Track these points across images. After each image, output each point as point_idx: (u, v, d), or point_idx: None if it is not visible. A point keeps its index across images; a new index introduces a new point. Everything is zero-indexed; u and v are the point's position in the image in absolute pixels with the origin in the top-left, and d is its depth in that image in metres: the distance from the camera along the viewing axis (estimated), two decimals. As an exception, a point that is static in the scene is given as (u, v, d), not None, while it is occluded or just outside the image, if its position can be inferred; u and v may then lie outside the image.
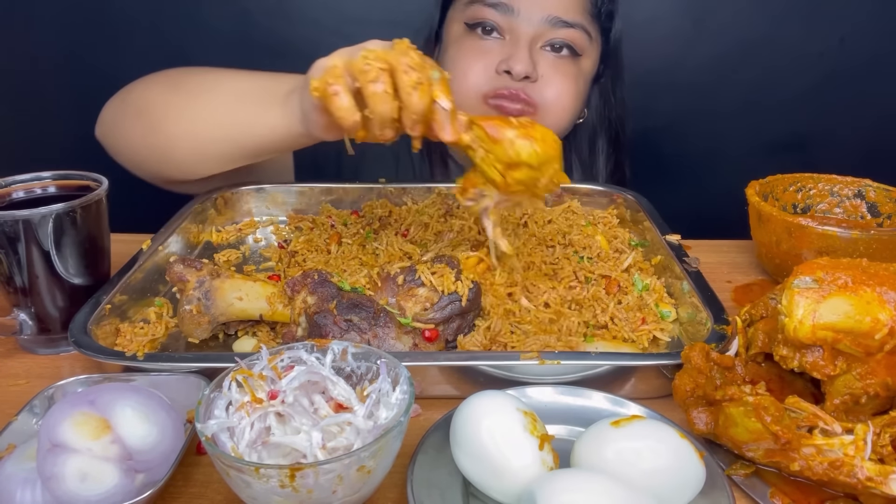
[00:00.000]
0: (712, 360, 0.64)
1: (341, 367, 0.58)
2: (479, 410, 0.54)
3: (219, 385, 0.54)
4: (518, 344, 0.74)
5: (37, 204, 0.72)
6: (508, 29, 1.07)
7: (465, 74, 1.08)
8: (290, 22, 1.53)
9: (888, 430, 0.56)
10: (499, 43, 1.08)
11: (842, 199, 0.99)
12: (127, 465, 0.52)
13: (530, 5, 1.06)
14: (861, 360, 0.58)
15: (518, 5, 1.06)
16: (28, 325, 0.75)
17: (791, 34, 1.55)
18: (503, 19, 1.07)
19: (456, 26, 1.12)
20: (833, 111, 1.61)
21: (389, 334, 0.71)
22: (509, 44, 1.07)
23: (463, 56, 1.09)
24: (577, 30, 1.08)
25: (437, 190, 1.05)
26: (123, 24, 1.53)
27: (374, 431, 0.52)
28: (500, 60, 1.06)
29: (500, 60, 1.06)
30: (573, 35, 1.08)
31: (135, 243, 0.87)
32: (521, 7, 1.06)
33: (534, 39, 1.07)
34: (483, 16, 1.07)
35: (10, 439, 0.57)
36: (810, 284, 0.58)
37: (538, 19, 1.06)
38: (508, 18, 1.06)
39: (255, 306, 0.76)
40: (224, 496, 0.57)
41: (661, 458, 0.53)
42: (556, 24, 1.06)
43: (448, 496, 0.54)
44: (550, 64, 1.08)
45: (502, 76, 1.06)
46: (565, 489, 0.48)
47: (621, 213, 1.02)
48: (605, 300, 0.81)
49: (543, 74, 1.07)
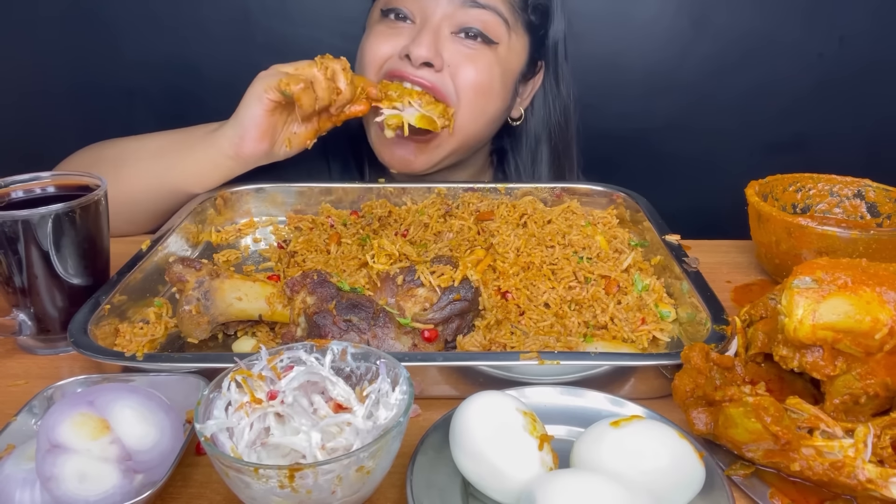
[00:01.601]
0: (712, 360, 0.64)
1: (341, 368, 0.58)
2: (478, 411, 0.54)
3: (218, 385, 0.53)
4: (517, 344, 0.74)
5: (36, 204, 0.72)
6: (419, 12, 1.04)
7: (369, 57, 1.06)
8: (290, 22, 1.53)
9: (888, 432, 0.56)
10: (408, 27, 1.05)
11: (841, 199, 0.99)
12: (126, 465, 0.52)
13: None
14: (861, 360, 0.58)
15: None
16: (27, 326, 0.75)
17: (791, 34, 1.55)
18: (414, 3, 1.04)
19: (374, 13, 1.11)
20: (833, 111, 1.61)
21: (389, 334, 0.71)
22: (417, 27, 1.04)
23: (371, 39, 1.07)
24: (488, 11, 1.03)
25: (437, 190, 1.05)
26: (123, 24, 1.53)
27: (374, 432, 0.52)
28: (405, 44, 1.03)
29: (405, 44, 1.03)
30: (484, 16, 1.03)
31: (134, 243, 0.87)
32: None
33: (442, 23, 1.03)
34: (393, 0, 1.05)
35: (10, 440, 0.57)
36: (810, 284, 0.58)
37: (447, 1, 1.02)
38: (419, 3, 1.03)
39: (255, 306, 0.76)
40: (223, 496, 0.57)
41: (660, 458, 0.53)
42: (466, 4, 1.02)
43: (448, 496, 0.54)
44: (459, 51, 1.03)
45: (404, 60, 1.03)
46: (565, 489, 0.48)
47: (621, 213, 1.02)
48: (605, 300, 0.81)
49: (451, 63, 1.03)
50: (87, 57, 1.55)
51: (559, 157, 1.23)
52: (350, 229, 0.97)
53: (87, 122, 1.08)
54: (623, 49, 1.57)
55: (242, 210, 1.06)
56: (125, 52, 1.54)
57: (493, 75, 1.06)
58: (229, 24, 1.54)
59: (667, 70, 1.59)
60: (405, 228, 0.96)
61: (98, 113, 1.57)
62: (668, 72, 1.59)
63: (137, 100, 1.60)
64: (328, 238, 0.94)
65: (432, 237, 0.95)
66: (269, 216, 1.06)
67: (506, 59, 1.08)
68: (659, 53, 1.58)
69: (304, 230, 0.99)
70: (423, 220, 0.98)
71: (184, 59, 1.55)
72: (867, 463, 0.53)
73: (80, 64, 1.55)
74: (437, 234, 0.95)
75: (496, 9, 1.04)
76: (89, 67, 1.56)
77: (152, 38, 1.54)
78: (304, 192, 1.06)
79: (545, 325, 0.77)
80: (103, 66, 1.57)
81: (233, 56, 1.54)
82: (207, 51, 1.54)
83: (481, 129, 1.11)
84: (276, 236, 1.02)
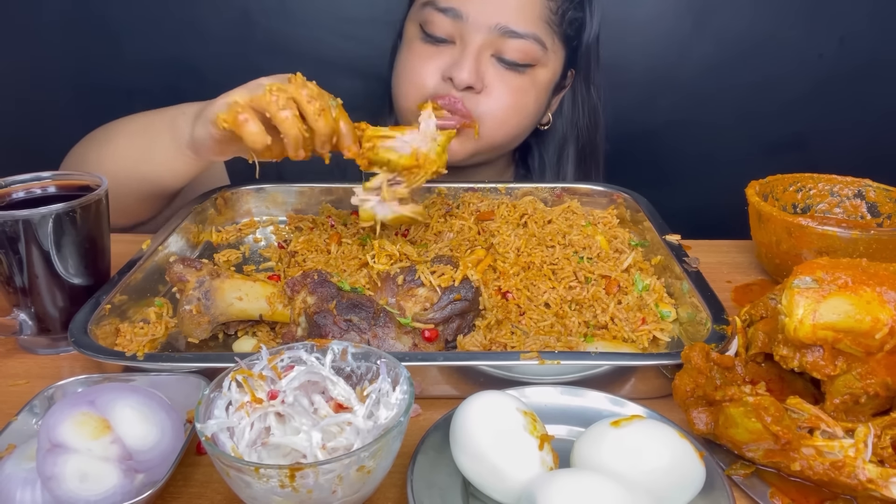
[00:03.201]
0: (712, 360, 0.64)
1: (341, 367, 0.58)
2: (479, 410, 0.54)
3: (219, 385, 0.54)
4: (518, 344, 0.74)
5: (37, 204, 0.72)
6: (458, 35, 1.06)
7: (412, 78, 1.08)
8: (291, 22, 1.53)
9: (889, 432, 0.56)
10: (449, 48, 1.07)
11: (842, 199, 0.99)
12: (127, 465, 0.52)
13: (480, 12, 1.04)
14: (861, 360, 0.58)
15: (468, 11, 1.04)
16: (28, 325, 0.75)
17: (791, 34, 1.55)
18: (453, 25, 1.05)
19: (412, 27, 1.11)
20: (833, 111, 1.61)
21: (389, 334, 0.71)
22: (458, 50, 1.06)
23: (413, 58, 1.09)
24: (527, 41, 1.05)
25: (438, 190, 1.05)
26: (123, 24, 1.53)
27: (374, 431, 0.52)
28: (447, 66, 1.05)
29: (447, 66, 1.05)
30: (524, 46, 1.05)
31: (135, 243, 0.87)
32: (471, 13, 1.04)
33: (482, 48, 1.05)
34: (433, 20, 1.06)
35: (10, 439, 0.57)
36: (810, 284, 0.58)
37: (487, 27, 1.04)
38: (458, 24, 1.05)
39: (255, 306, 0.76)
40: (224, 496, 0.57)
41: (660, 458, 0.53)
42: (506, 34, 1.04)
43: (448, 496, 0.54)
44: (497, 75, 1.06)
45: (447, 82, 1.05)
46: (565, 489, 0.48)
47: (621, 213, 1.02)
48: (605, 300, 0.81)
49: (489, 85, 1.06)
50: (88, 57, 1.55)
51: (585, 158, 1.25)
52: (350, 229, 0.97)
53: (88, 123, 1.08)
54: (623, 49, 1.57)
55: (243, 210, 1.06)
56: (125, 53, 1.54)
57: (528, 97, 1.10)
58: (229, 24, 1.54)
59: (667, 70, 1.59)
60: (406, 228, 0.96)
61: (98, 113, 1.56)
62: (668, 72, 1.59)
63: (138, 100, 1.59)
64: (329, 238, 0.94)
65: (433, 237, 0.95)
66: (270, 216, 1.06)
67: (541, 78, 1.11)
68: (659, 53, 1.57)
69: (305, 230, 0.99)
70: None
71: (184, 59, 1.55)
72: (867, 463, 0.53)
73: (80, 64, 1.55)
74: (438, 234, 0.95)
75: (535, 36, 1.06)
76: (90, 68, 1.56)
77: (153, 38, 1.54)
78: (305, 191, 1.06)
79: (545, 325, 0.77)
80: (104, 67, 1.56)
81: (233, 56, 1.54)
82: (207, 51, 1.54)
83: (510, 140, 1.14)
84: (277, 236, 1.02)
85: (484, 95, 1.06)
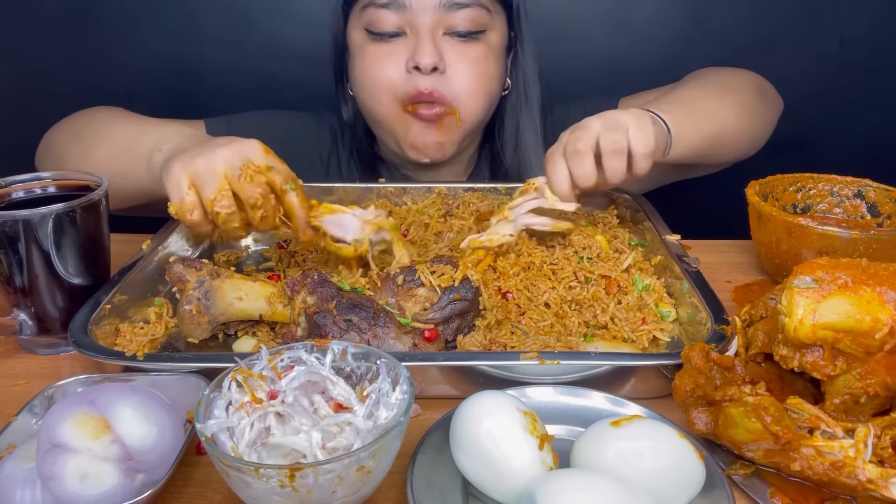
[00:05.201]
0: (712, 360, 0.64)
1: (341, 367, 0.58)
2: (479, 410, 0.54)
3: (219, 385, 0.54)
4: (518, 344, 0.74)
5: (37, 204, 0.72)
6: (406, 24, 1.05)
7: (376, 82, 1.07)
8: (291, 22, 1.53)
9: (888, 432, 0.56)
10: (402, 41, 1.06)
11: (842, 199, 0.99)
12: (127, 465, 0.52)
13: None
14: (861, 360, 0.58)
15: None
16: (28, 325, 0.75)
17: (791, 35, 1.55)
18: (399, 16, 1.04)
19: (357, 34, 1.10)
20: (833, 111, 1.61)
21: (389, 334, 0.71)
22: (411, 38, 1.05)
23: (369, 64, 1.07)
24: (473, 8, 1.05)
25: (438, 190, 1.05)
26: (123, 24, 1.53)
27: (374, 431, 0.52)
28: (408, 57, 1.04)
29: (408, 57, 1.04)
30: (472, 14, 1.05)
31: (135, 243, 0.87)
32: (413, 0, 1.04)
33: (434, 28, 1.05)
34: (378, 18, 1.05)
35: (10, 439, 0.57)
36: (810, 284, 0.58)
37: (432, 7, 1.03)
38: (403, 14, 1.04)
39: (255, 306, 0.76)
40: (224, 496, 0.57)
41: (661, 458, 0.53)
42: (452, 8, 1.04)
43: (448, 496, 0.54)
44: (455, 50, 1.06)
45: (412, 73, 1.04)
46: (565, 489, 0.48)
47: (621, 213, 1.02)
48: (605, 300, 0.81)
49: (451, 63, 1.05)
50: (87, 58, 1.55)
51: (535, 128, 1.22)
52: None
53: (88, 123, 1.09)
54: (623, 50, 1.57)
55: (243, 210, 1.06)
56: (125, 53, 1.54)
57: (488, 64, 1.09)
58: (229, 24, 1.54)
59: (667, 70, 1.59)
60: (406, 228, 0.96)
61: (98, 113, 1.57)
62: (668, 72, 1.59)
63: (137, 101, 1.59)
64: (328, 238, 0.94)
65: (433, 237, 0.95)
66: (270, 216, 1.06)
67: (494, 42, 1.11)
68: (659, 54, 1.57)
69: (305, 230, 0.99)
70: (423, 219, 0.98)
71: (183, 59, 1.55)
72: (867, 463, 0.53)
73: (79, 65, 1.55)
74: (438, 234, 0.95)
75: (478, 2, 1.06)
76: (88, 68, 1.56)
77: (152, 38, 1.54)
78: (305, 191, 1.06)
79: (545, 325, 0.77)
80: (102, 67, 1.56)
81: (232, 57, 1.54)
82: (206, 51, 1.54)
83: (485, 111, 1.14)
84: (277, 236, 1.02)
85: (450, 74, 1.06)
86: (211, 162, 0.73)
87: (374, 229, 0.80)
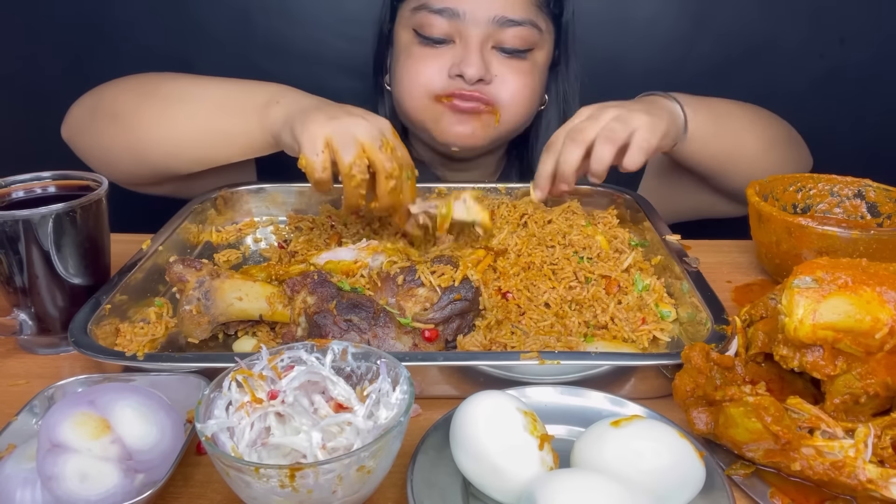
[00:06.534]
0: (712, 360, 0.64)
1: (341, 367, 0.58)
2: (479, 410, 0.54)
3: (219, 385, 0.54)
4: (518, 344, 0.74)
5: (37, 204, 0.72)
6: (457, 33, 1.06)
7: (418, 80, 1.07)
8: (290, 22, 1.53)
9: (889, 432, 0.56)
10: (449, 48, 1.07)
11: (842, 199, 0.99)
12: (127, 465, 0.52)
13: (476, 8, 1.04)
14: (861, 360, 0.58)
15: (463, 8, 1.04)
16: (28, 325, 0.75)
17: (791, 35, 1.55)
18: (450, 25, 1.05)
19: (405, 33, 1.11)
20: (833, 111, 1.61)
21: (389, 334, 0.71)
22: (460, 47, 1.06)
23: (414, 62, 1.08)
24: (525, 27, 1.06)
25: (438, 190, 1.05)
26: (123, 24, 1.53)
27: (374, 431, 0.52)
28: (453, 64, 1.05)
29: (453, 64, 1.05)
30: (523, 33, 1.07)
31: (135, 243, 0.87)
32: (467, 10, 1.04)
33: (483, 41, 1.05)
34: (430, 22, 1.06)
35: (10, 439, 0.57)
36: (810, 284, 0.58)
37: (485, 20, 1.04)
38: (455, 23, 1.05)
39: (255, 306, 0.76)
40: (224, 496, 0.57)
41: (661, 458, 0.53)
42: (505, 24, 1.05)
43: (448, 496, 0.54)
44: (502, 64, 1.07)
45: (455, 80, 1.06)
46: (565, 489, 0.48)
47: (621, 213, 1.02)
48: (605, 300, 0.81)
49: (497, 74, 1.07)
50: (87, 57, 1.55)
51: None
52: (350, 229, 0.97)
53: (88, 123, 1.09)
54: (624, 50, 1.57)
55: (243, 210, 1.06)
56: (125, 53, 1.54)
57: (534, 79, 1.12)
58: (229, 24, 1.54)
59: (668, 70, 1.59)
60: (405, 228, 0.96)
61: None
62: (669, 72, 1.59)
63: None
64: (328, 238, 0.94)
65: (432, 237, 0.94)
66: (270, 216, 1.06)
67: (541, 60, 1.13)
68: (660, 54, 1.57)
69: (305, 230, 0.99)
70: (423, 220, 0.98)
71: (184, 58, 1.55)
72: (867, 463, 0.53)
73: (80, 64, 1.55)
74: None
75: (531, 21, 1.07)
76: (89, 67, 1.56)
77: (152, 38, 1.54)
78: (305, 191, 1.06)
79: (545, 325, 0.77)
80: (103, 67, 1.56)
81: (233, 56, 1.54)
82: (207, 51, 1.54)
83: (523, 122, 1.16)
84: (277, 236, 1.02)
85: (495, 85, 1.07)
86: (351, 129, 0.78)
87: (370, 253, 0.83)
